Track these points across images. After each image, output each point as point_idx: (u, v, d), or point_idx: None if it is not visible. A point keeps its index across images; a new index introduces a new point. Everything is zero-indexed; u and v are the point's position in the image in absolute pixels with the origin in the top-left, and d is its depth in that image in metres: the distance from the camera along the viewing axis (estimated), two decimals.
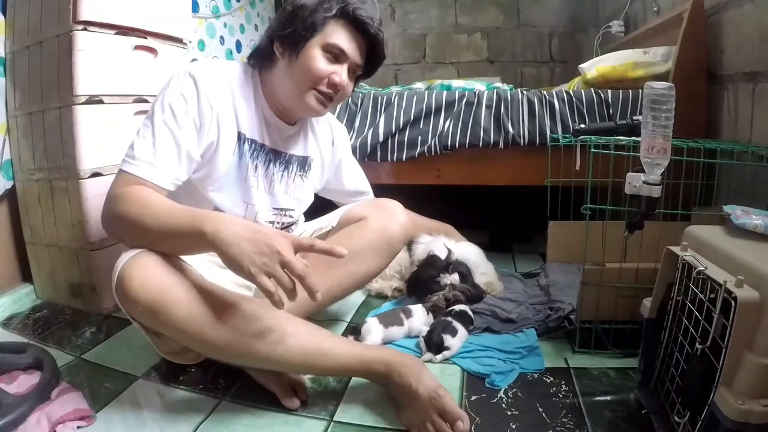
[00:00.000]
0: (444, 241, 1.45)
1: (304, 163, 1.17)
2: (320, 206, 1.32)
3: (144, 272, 0.82)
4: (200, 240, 0.80)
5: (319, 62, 0.98)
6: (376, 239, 1.13)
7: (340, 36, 0.98)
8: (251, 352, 0.85)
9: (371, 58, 1.05)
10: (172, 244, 0.86)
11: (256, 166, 1.06)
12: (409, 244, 1.49)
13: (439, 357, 1.08)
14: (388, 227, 1.15)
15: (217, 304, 0.85)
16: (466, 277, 1.35)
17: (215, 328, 0.83)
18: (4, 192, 1.43)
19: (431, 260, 1.39)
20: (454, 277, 1.31)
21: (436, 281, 1.32)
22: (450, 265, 1.35)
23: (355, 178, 1.34)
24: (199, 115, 0.95)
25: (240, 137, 1.02)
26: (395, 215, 1.18)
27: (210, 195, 1.03)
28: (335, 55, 0.99)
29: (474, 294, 1.33)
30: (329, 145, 1.24)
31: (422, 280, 1.36)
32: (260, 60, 1.05)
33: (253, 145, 1.05)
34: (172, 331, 0.84)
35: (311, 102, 1.01)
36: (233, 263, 0.78)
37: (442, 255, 1.39)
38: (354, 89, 1.11)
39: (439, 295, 1.28)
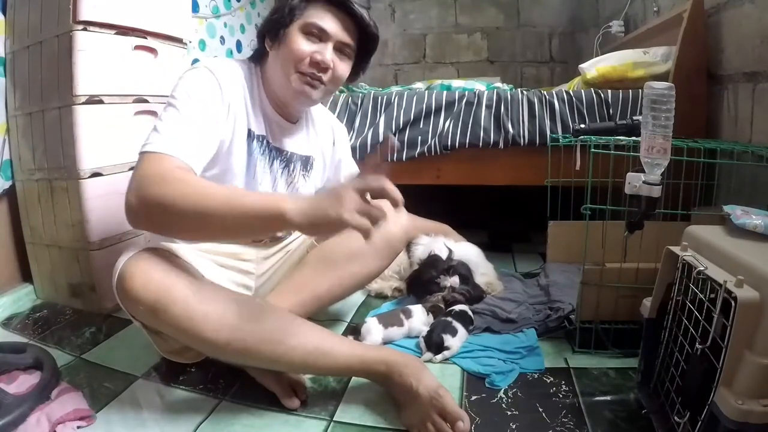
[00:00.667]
0: (444, 241, 1.45)
1: (306, 162, 1.16)
2: None
3: (145, 271, 0.82)
4: (279, 220, 0.77)
5: (300, 43, 0.97)
6: (376, 240, 1.13)
7: (318, 15, 0.98)
8: (251, 351, 0.85)
9: (364, 38, 1.03)
10: (238, 227, 0.82)
11: (264, 164, 1.07)
12: (408, 246, 1.49)
13: (439, 357, 1.08)
14: (388, 228, 1.15)
15: (218, 303, 0.85)
16: (467, 278, 1.35)
17: (215, 327, 0.83)
18: (3, 192, 1.43)
19: (432, 260, 1.39)
20: (454, 280, 1.32)
21: (436, 282, 1.32)
22: (451, 268, 1.35)
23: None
24: (218, 102, 0.94)
25: (250, 134, 1.02)
26: (396, 216, 1.18)
27: None
28: (316, 35, 0.98)
29: (474, 294, 1.33)
30: (330, 145, 1.24)
31: (423, 281, 1.36)
32: (257, 57, 1.06)
33: (263, 141, 1.05)
34: (172, 330, 0.84)
35: (297, 85, 0.99)
36: (323, 226, 0.77)
37: (443, 255, 1.39)
38: (350, 86, 1.11)
39: (438, 296, 1.28)
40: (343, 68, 1.03)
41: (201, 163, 0.90)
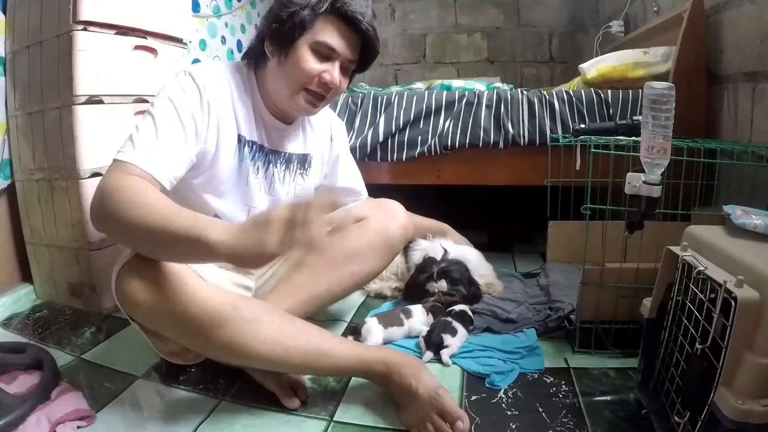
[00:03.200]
0: (441, 243, 1.44)
1: (304, 161, 1.16)
2: None
3: (144, 273, 0.82)
4: (204, 248, 0.71)
5: (309, 62, 0.96)
6: (376, 239, 1.13)
7: (329, 33, 0.96)
8: (251, 352, 0.85)
9: (365, 51, 1.02)
10: (170, 249, 0.77)
11: (258, 168, 1.06)
12: (406, 249, 1.47)
13: (446, 353, 1.07)
14: (388, 227, 1.15)
15: (217, 305, 0.85)
16: (458, 279, 1.33)
17: (214, 329, 0.83)
18: (1, 190, 1.43)
19: (425, 264, 1.38)
20: (442, 284, 1.29)
21: (425, 289, 1.31)
22: (439, 272, 1.32)
23: (350, 176, 1.32)
24: (198, 112, 0.93)
25: (240, 140, 1.01)
26: (395, 215, 1.18)
27: (211, 202, 1.02)
28: (325, 53, 0.97)
29: (470, 293, 1.32)
30: (328, 141, 1.23)
31: (415, 286, 1.36)
32: (253, 59, 1.04)
33: (253, 147, 1.04)
34: (171, 332, 0.84)
35: (301, 103, 0.99)
36: (250, 260, 0.72)
37: (439, 256, 1.38)
38: (349, 86, 1.10)
39: (429, 301, 1.27)
40: (345, 83, 1.03)
41: (171, 176, 0.87)
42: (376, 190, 1.40)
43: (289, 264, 1.11)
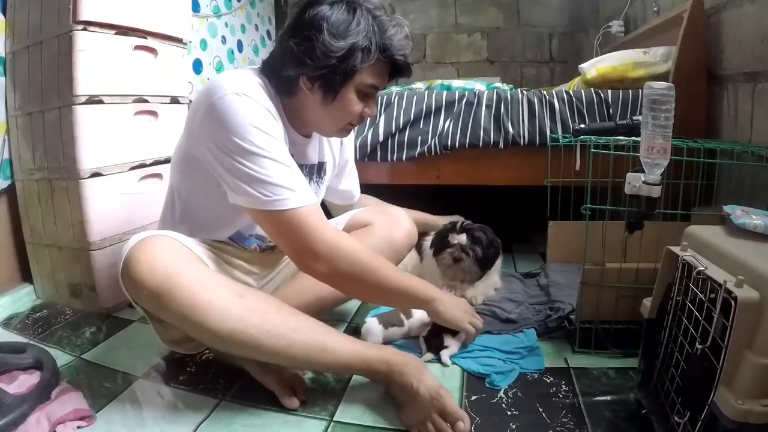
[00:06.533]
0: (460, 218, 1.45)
1: (320, 169, 1.16)
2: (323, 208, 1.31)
3: (151, 257, 0.83)
4: (425, 303, 1.03)
5: (355, 104, 0.97)
6: (380, 245, 1.14)
7: (375, 76, 0.96)
8: (254, 344, 0.85)
9: (393, 75, 1.03)
10: (395, 299, 1.05)
11: None
12: (418, 242, 1.47)
13: (447, 352, 1.08)
14: (392, 233, 1.16)
15: (223, 293, 0.85)
16: (479, 240, 1.35)
17: (219, 317, 0.83)
18: (2, 190, 1.43)
19: (452, 225, 1.40)
20: (462, 237, 1.33)
21: (447, 240, 1.35)
22: (461, 226, 1.36)
23: (351, 179, 1.34)
24: (281, 130, 0.94)
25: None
26: (400, 222, 1.19)
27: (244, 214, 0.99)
28: (369, 92, 0.98)
29: (488, 255, 1.36)
30: (339, 147, 1.24)
31: (437, 235, 1.41)
32: (280, 85, 0.97)
33: None
34: (175, 317, 0.84)
35: (343, 134, 1.05)
36: (448, 318, 1.05)
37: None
38: None
39: (446, 252, 1.32)
40: None
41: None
42: (376, 190, 1.40)
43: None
